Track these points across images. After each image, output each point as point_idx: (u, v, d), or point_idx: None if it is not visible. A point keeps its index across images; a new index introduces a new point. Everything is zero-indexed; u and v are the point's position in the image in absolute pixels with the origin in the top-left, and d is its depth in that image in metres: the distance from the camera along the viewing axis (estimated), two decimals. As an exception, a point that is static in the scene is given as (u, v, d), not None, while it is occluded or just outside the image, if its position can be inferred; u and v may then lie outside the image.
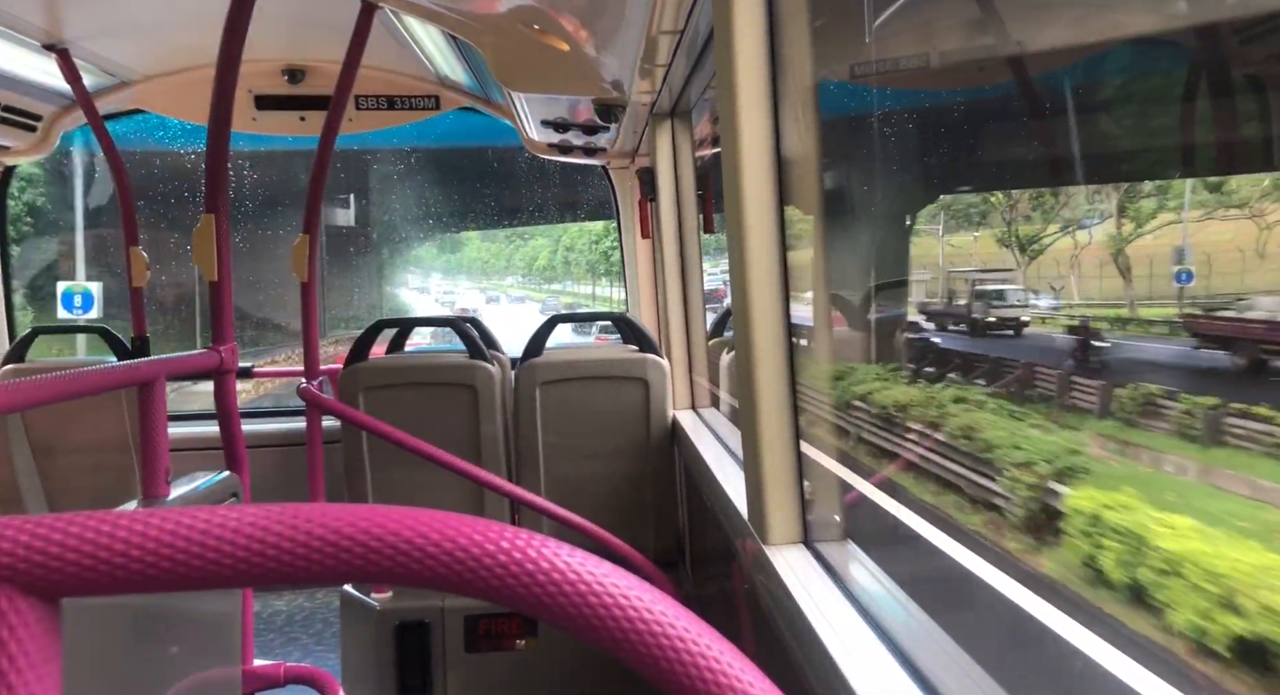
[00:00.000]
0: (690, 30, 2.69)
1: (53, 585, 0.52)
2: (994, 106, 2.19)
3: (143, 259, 4.22)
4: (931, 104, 2.42)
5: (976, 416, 2.20)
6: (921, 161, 2.54)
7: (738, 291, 1.89)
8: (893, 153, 2.48)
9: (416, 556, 0.53)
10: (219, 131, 2.61)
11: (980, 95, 2.25)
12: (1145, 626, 1.36)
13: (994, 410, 2.16)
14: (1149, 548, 1.41)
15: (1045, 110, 1.94)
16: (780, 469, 1.80)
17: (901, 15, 2.19)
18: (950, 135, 2.42)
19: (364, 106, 4.40)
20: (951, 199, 2.64)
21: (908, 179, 2.59)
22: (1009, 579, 1.64)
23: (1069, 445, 1.83)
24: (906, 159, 2.52)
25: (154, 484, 2.18)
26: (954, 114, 2.35)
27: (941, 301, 2.65)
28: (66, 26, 3.47)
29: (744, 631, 2.32)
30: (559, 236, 21.52)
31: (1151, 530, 1.44)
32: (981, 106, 2.25)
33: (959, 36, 2.16)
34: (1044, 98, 1.90)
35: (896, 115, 2.42)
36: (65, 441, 3.74)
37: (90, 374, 1.84)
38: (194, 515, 0.54)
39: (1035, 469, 1.84)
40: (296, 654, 4.40)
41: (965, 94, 2.31)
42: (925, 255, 2.67)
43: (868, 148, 2.48)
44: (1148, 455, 1.62)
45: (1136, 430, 1.62)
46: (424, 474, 3.58)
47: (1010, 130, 2.18)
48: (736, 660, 0.52)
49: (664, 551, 3.81)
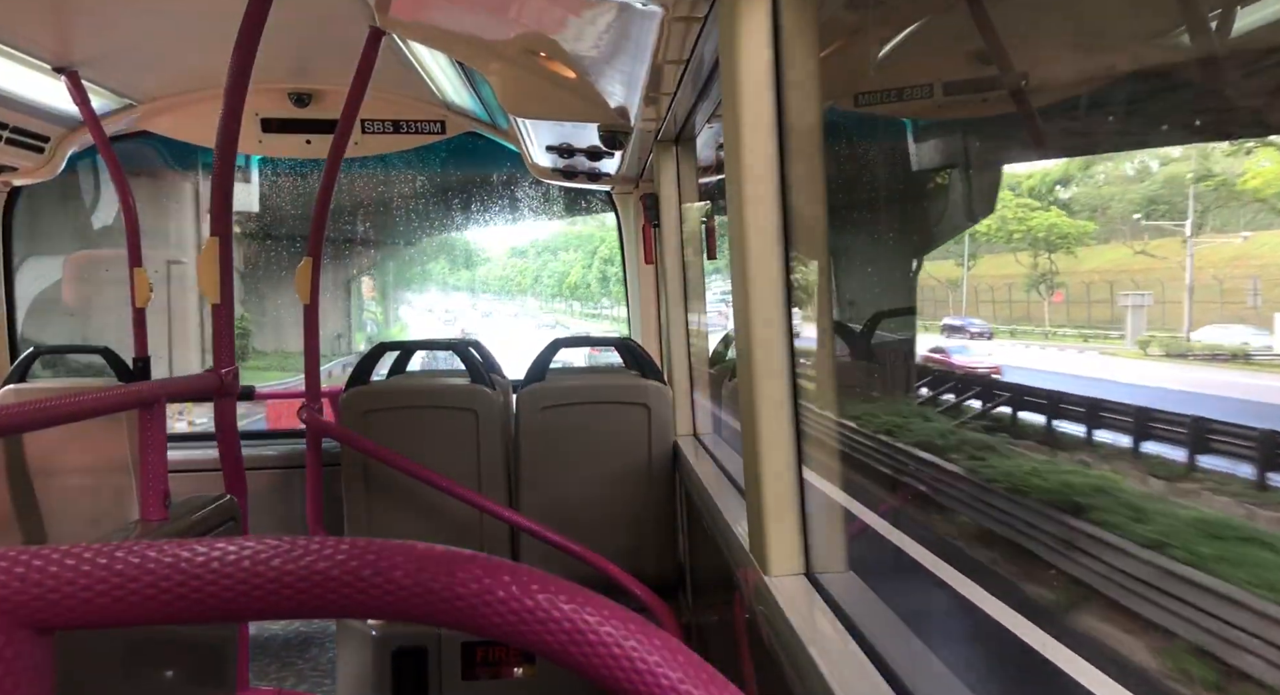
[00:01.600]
0: (695, 59, 2.71)
1: (47, 618, 0.52)
2: (993, 133, 2.20)
3: (146, 280, 4.24)
4: (936, 131, 2.42)
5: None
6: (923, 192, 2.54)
7: (740, 318, 1.89)
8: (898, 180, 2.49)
9: (416, 592, 0.53)
10: (225, 155, 2.62)
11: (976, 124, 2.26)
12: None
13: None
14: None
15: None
16: (782, 498, 1.79)
17: (907, 44, 2.21)
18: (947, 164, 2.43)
19: (370, 130, 4.43)
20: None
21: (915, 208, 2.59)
22: (1016, 614, 1.62)
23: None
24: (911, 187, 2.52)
25: (152, 507, 2.17)
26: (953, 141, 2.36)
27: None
28: (76, 49, 3.50)
29: (744, 662, 2.30)
30: (595, 248, 20.18)
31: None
32: (983, 133, 2.26)
33: (961, 66, 2.17)
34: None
35: (898, 144, 2.43)
36: (64, 462, 3.73)
37: (90, 397, 1.84)
38: (191, 548, 0.53)
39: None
40: (292, 680, 4.36)
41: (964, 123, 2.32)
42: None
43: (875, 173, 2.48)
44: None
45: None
46: (424, 498, 3.56)
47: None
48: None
49: (664, 578, 3.79)
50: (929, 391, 2.66)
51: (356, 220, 14.38)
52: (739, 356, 1.92)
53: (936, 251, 2.60)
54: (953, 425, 2.49)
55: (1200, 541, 1.46)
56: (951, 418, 2.52)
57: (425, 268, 19.65)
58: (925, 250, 2.60)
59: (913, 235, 2.62)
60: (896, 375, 2.72)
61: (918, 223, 2.60)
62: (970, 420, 2.47)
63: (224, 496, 2.44)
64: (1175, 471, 1.62)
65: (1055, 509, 1.81)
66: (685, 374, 4.29)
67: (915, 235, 2.61)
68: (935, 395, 2.64)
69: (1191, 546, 1.46)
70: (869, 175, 2.61)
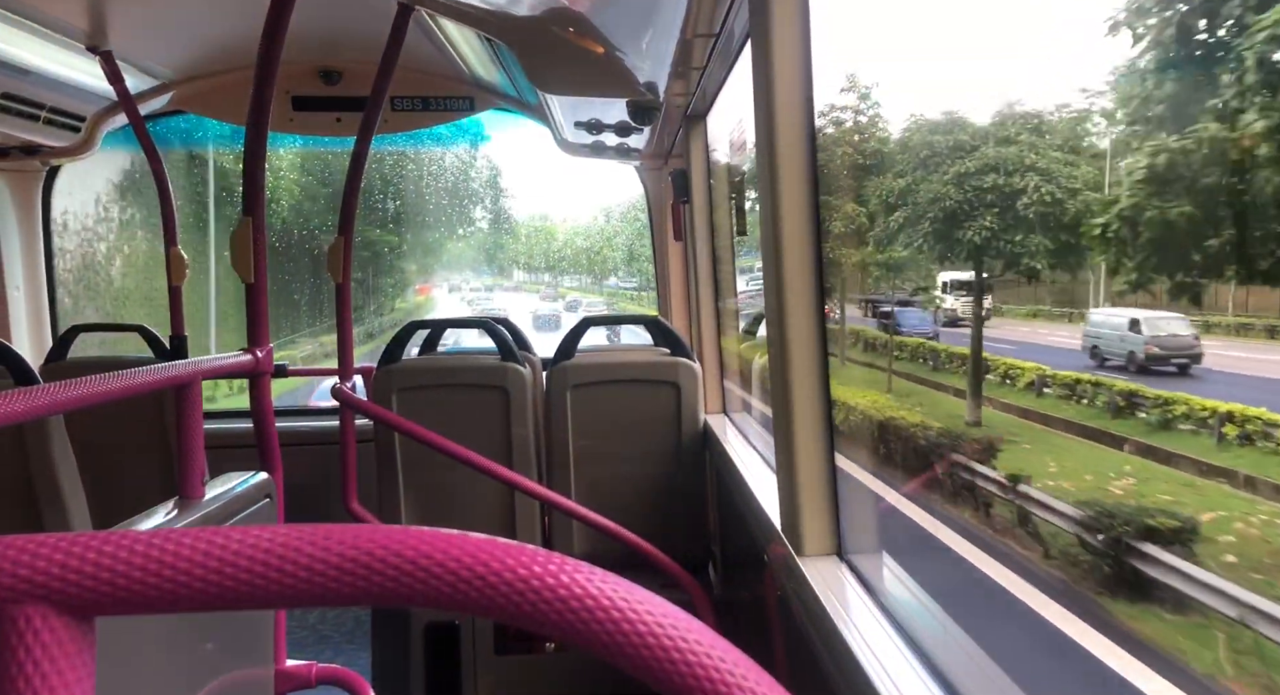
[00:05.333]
0: (725, 33, 2.67)
1: (87, 605, 0.52)
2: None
3: (183, 259, 4.28)
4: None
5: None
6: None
7: (771, 296, 1.87)
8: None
9: (449, 580, 0.52)
10: (257, 133, 2.62)
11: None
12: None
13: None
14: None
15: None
16: (814, 479, 1.78)
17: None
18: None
19: (399, 108, 4.42)
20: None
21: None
22: (1047, 598, 1.61)
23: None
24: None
25: (190, 485, 2.20)
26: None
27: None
28: (110, 29, 3.52)
29: (775, 640, 2.30)
30: (635, 217, 19.17)
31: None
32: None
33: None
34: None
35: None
36: (105, 439, 3.79)
37: (127, 376, 1.86)
38: (228, 535, 0.53)
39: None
40: (328, 653, 4.44)
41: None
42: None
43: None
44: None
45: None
46: (456, 475, 3.59)
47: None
48: (774, 690, 0.51)
49: (693, 555, 3.80)
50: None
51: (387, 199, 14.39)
52: (769, 335, 1.91)
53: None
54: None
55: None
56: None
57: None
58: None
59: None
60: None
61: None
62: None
63: (260, 474, 2.48)
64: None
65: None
66: (715, 352, 4.27)
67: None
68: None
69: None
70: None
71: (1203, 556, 2.92)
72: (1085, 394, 4.69)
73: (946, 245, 5.40)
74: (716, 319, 4.28)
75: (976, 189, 5.13)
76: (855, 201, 6.82)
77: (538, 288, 21.62)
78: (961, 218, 5.16)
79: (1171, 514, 3.25)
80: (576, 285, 21.60)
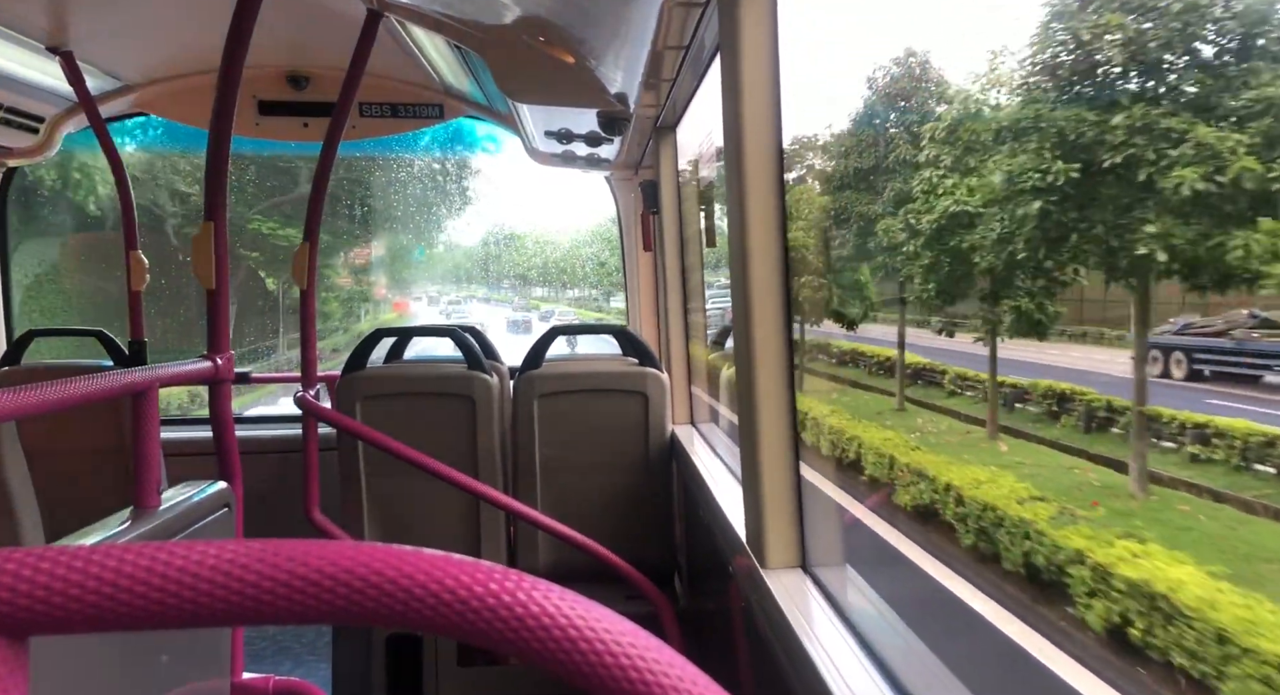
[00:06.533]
0: (696, 45, 2.68)
1: (20, 624, 0.50)
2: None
3: (143, 263, 4.21)
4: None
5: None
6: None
7: (739, 307, 1.87)
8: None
9: (403, 598, 0.51)
10: (220, 137, 2.59)
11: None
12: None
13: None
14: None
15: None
16: (779, 491, 1.78)
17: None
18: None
19: (368, 114, 4.39)
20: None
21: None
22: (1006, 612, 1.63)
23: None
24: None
25: (145, 495, 2.16)
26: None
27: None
28: (70, 29, 3.46)
29: (739, 652, 2.30)
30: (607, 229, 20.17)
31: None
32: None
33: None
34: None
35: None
36: (58, 445, 3.71)
37: (83, 383, 1.82)
38: (173, 550, 0.52)
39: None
40: (288, 664, 4.36)
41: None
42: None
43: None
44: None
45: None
46: (420, 484, 3.55)
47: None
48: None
49: (659, 566, 3.79)
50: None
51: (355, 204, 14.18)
52: (736, 347, 1.91)
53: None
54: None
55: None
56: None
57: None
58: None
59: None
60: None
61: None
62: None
63: (218, 484, 2.43)
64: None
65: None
66: (683, 363, 4.28)
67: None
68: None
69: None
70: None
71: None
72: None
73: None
74: (685, 330, 4.29)
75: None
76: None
77: (511, 299, 21.85)
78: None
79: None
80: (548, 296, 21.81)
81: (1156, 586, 2.33)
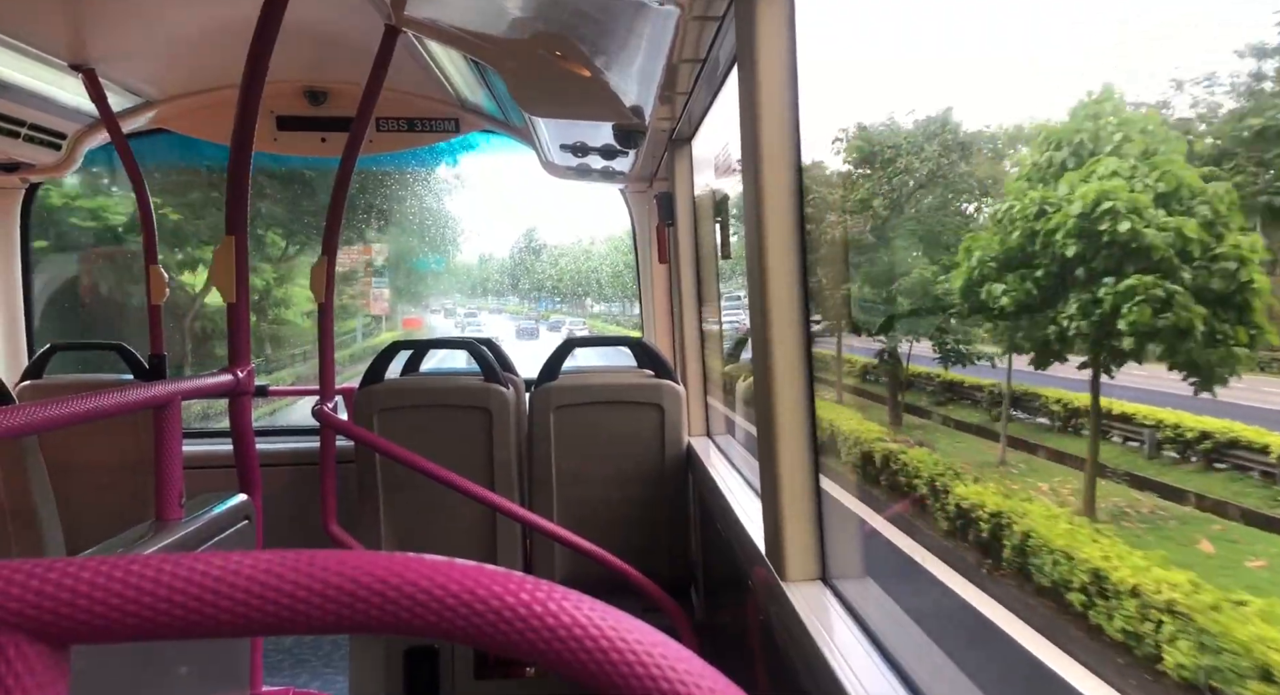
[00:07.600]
0: (711, 59, 2.69)
1: (63, 632, 0.51)
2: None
3: (162, 277, 4.25)
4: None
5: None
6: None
7: (756, 318, 1.87)
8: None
9: (435, 608, 0.52)
10: (241, 152, 2.61)
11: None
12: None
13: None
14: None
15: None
16: (799, 503, 1.78)
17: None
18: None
19: (384, 128, 4.42)
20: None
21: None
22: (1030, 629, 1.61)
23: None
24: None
25: (167, 507, 2.17)
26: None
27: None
28: (93, 48, 3.50)
29: (758, 665, 2.28)
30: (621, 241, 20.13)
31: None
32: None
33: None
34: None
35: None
36: (80, 459, 3.74)
37: (105, 397, 1.83)
38: (209, 561, 0.52)
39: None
40: (305, 676, 4.37)
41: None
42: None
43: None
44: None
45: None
46: (437, 496, 3.56)
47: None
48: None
49: (675, 578, 3.78)
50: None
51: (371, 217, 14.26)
52: (755, 358, 1.91)
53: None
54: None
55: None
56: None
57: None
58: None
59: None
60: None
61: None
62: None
63: (239, 496, 2.44)
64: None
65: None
66: (699, 374, 4.27)
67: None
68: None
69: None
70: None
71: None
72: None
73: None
74: (700, 341, 4.29)
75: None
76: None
77: (523, 309, 21.97)
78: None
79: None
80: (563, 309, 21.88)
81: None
